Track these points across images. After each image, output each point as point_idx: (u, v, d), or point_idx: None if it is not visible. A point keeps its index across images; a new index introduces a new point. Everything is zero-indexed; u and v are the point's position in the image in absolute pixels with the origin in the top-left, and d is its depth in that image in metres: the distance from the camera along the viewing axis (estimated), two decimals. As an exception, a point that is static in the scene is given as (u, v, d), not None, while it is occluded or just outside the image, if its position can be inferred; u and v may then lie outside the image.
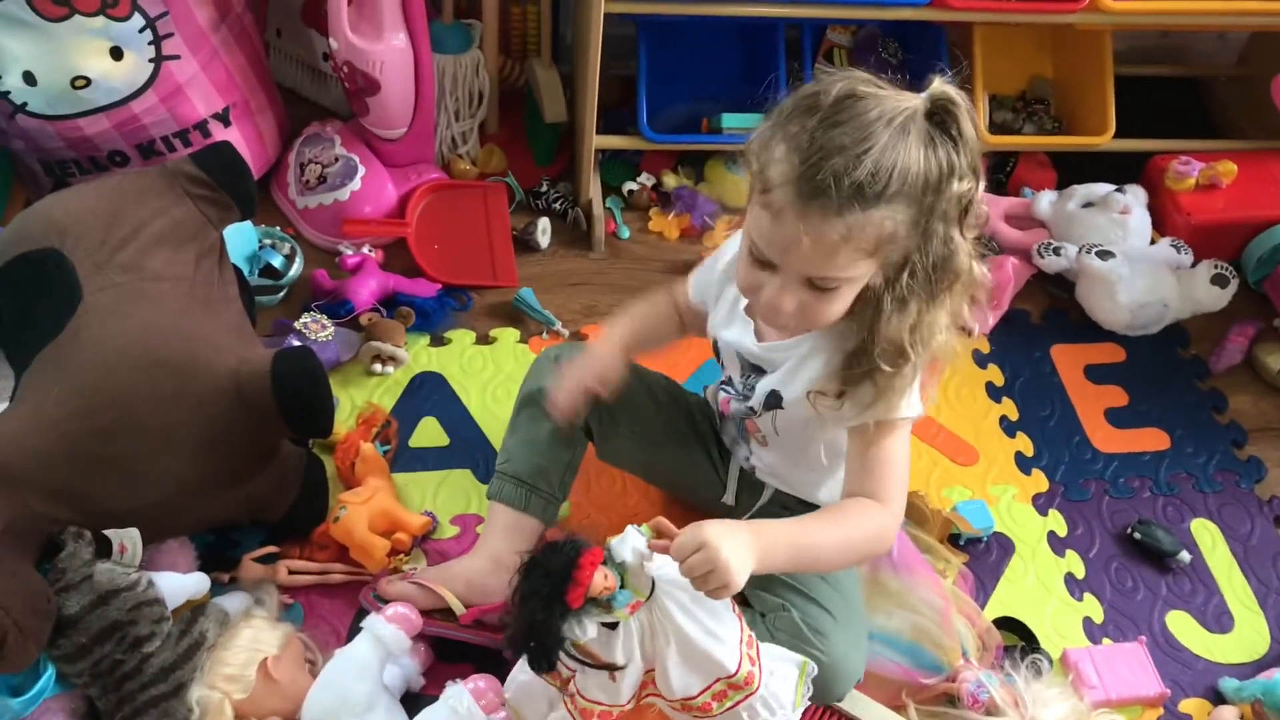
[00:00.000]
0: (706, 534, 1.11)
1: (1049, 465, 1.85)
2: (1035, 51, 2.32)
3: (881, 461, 1.29)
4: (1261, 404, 1.99)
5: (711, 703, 1.26)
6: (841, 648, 1.40)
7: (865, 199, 1.09)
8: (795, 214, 1.11)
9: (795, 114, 1.13)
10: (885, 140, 1.08)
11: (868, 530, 1.28)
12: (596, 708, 1.26)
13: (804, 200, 1.10)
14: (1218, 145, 2.23)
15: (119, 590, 1.34)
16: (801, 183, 1.10)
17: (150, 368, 1.41)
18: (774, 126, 1.15)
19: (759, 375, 1.39)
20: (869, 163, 1.08)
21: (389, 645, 1.40)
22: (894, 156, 1.09)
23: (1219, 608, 1.71)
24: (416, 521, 1.62)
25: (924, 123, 1.11)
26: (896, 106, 1.10)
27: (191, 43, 1.85)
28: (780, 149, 1.12)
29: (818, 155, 1.09)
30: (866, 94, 1.11)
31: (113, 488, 1.40)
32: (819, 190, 1.09)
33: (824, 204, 1.09)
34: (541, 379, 1.57)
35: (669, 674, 1.23)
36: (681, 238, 2.15)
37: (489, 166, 2.18)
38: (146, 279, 1.50)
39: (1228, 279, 1.99)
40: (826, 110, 1.10)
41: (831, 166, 1.08)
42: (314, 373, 1.45)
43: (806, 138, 1.10)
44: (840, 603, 1.44)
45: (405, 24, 1.89)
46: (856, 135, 1.09)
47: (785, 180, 1.11)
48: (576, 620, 1.15)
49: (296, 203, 2.04)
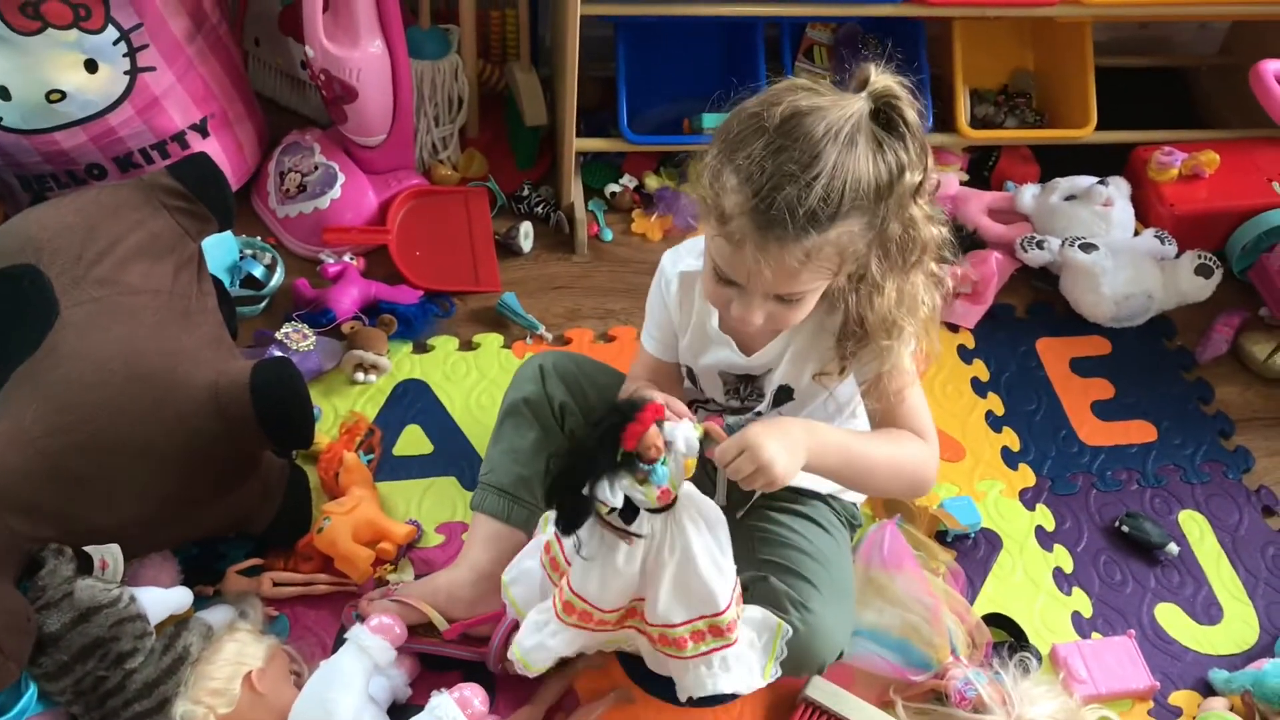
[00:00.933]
0: (750, 437, 1.17)
1: (1036, 460, 1.85)
2: (1016, 45, 2.32)
3: (907, 406, 1.35)
4: (1248, 394, 1.99)
5: (687, 639, 1.27)
6: (823, 618, 1.39)
7: (820, 222, 1.11)
8: (754, 245, 1.13)
9: (742, 139, 1.13)
10: (834, 159, 1.10)
11: (916, 457, 1.34)
12: (579, 604, 1.27)
13: (761, 231, 1.12)
14: (1200, 135, 2.23)
15: (100, 607, 1.33)
16: (757, 215, 1.11)
17: (128, 383, 1.40)
18: (722, 154, 1.16)
19: (751, 383, 1.39)
20: (819, 188, 1.09)
21: (374, 656, 1.39)
22: (844, 174, 1.10)
23: (1208, 599, 1.70)
24: (401, 530, 1.61)
25: (869, 126, 1.12)
26: (841, 116, 1.11)
27: (167, 54, 1.84)
28: (732, 179, 1.13)
29: (769, 186, 1.10)
30: (809, 109, 1.11)
31: (93, 504, 1.39)
32: (774, 222, 1.11)
33: (780, 234, 1.11)
34: (525, 389, 1.56)
35: (659, 595, 1.24)
36: (665, 239, 2.14)
37: (470, 171, 2.18)
38: (124, 293, 1.49)
39: (1212, 269, 1.99)
40: (772, 135, 1.11)
41: (784, 198, 1.10)
42: (293, 383, 1.44)
43: (756, 167, 1.11)
44: (823, 574, 1.43)
45: (381, 30, 1.88)
46: (805, 159, 1.10)
47: (740, 212, 1.12)
48: (612, 480, 1.15)
49: (277, 212, 2.04)
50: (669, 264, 1.42)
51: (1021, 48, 2.33)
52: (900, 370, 1.31)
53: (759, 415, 1.43)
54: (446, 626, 1.47)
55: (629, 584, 1.26)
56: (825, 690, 1.47)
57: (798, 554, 1.44)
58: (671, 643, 1.27)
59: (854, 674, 1.49)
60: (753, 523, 1.48)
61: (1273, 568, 1.74)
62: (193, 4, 1.87)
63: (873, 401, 1.35)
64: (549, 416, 1.55)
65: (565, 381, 1.56)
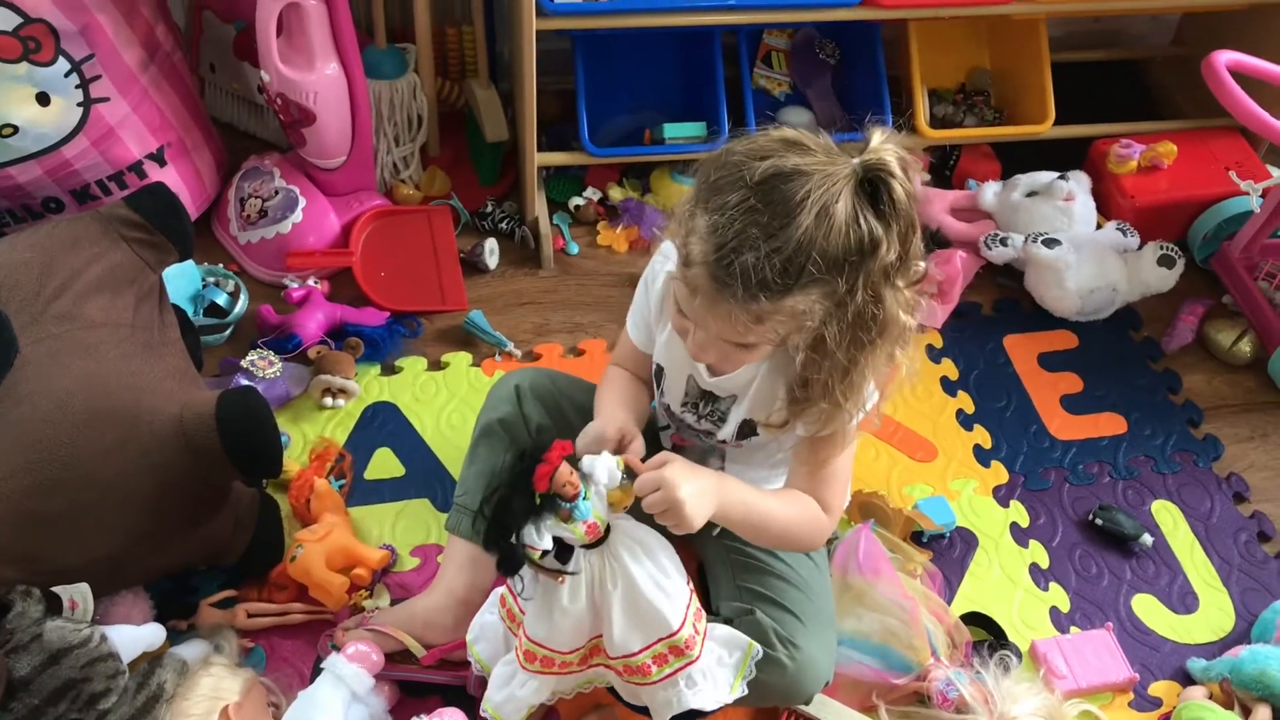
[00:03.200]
0: (667, 474, 1.17)
1: (1008, 456, 1.86)
2: (972, 43, 2.33)
3: (827, 474, 1.34)
4: (1215, 382, 2.01)
5: (651, 665, 1.27)
6: (809, 652, 1.40)
7: (773, 292, 1.10)
8: (706, 298, 1.13)
9: (720, 187, 1.11)
10: (802, 231, 1.07)
11: (811, 525, 1.34)
12: (539, 650, 1.27)
13: (717, 286, 1.11)
14: (1157, 126, 2.25)
15: (71, 648, 1.31)
16: (714, 269, 1.10)
17: (92, 419, 1.38)
18: (700, 196, 1.14)
19: (712, 403, 1.39)
20: (778, 261, 1.08)
21: (351, 685, 1.38)
22: (809, 248, 1.07)
23: (1183, 588, 1.71)
24: (375, 555, 1.60)
25: (851, 196, 1.08)
26: (824, 183, 1.07)
27: (120, 84, 1.83)
28: (702, 225, 1.12)
29: (731, 246, 1.09)
30: (793, 172, 1.08)
31: (60, 543, 1.37)
32: (731, 280, 1.10)
33: (732, 294, 1.10)
34: (500, 409, 1.55)
35: (612, 625, 1.25)
36: (631, 250, 2.14)
37: (432, 190, 2.17)
38: (84, 327, 1.48)
39: (1174, 259, 2.01)
40: (749, 190, 1.09)
41: (741, 263, 1.08)
42: (258, 413, 1.43)
43: (725, 222, 1.09)
44: (808, 605, 1.43)
45: (337, 52, 1.87)
46: (774, 226, 1.07)
47: (703, 260, 1.11)
48: (536, 523, 1.18)
49: (238, 238, 2.02)
50: (659, 259, 1.40)
51: (977, 46, 2.34)
52: (833, 440, 1.30)
53: (723, 443, 1.42)
54: (424, 653, 1.46)
55: (580, 622, 1.26)
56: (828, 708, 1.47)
57: (780, 582, 1.44)
58: (636, 670, 1.28)
59: (837, 680, 1.49)
60: (730, 543, 1.48)
61: (1246, 554, 1.76)
62: (145, 33, 1.86)
63: (798, 462, 1.35)
64: (525, 438, 1.53)
65: (542, 401, 1.54)
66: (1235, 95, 1.75)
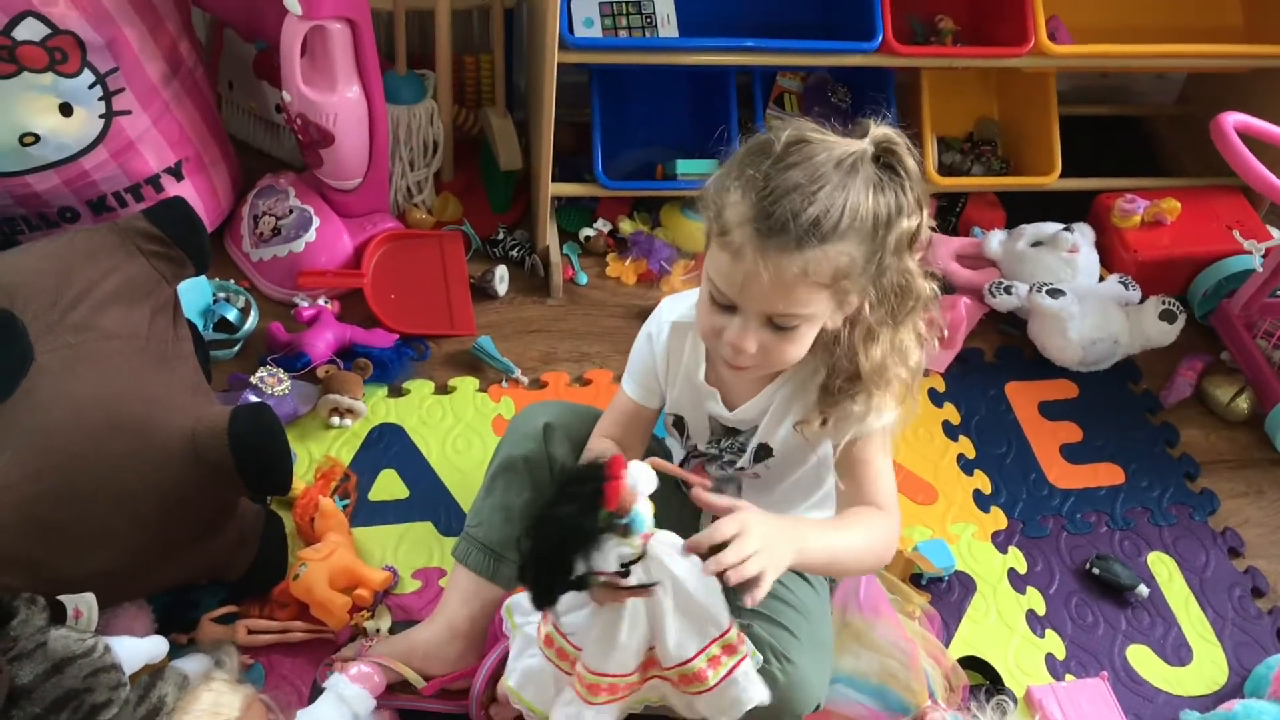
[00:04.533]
0: (748, 521, 1.10)
1: (1007, 502, 1.87)
2: (981, 94, 2.37)
3: (874, 473, 1.33)
4: (1212, 437, 2.03)
5: (707, 670, 1.24)
6: (803, 670, 1.38)
7: (821, 234, 1.12)
8: (754, 251, 1.14)
9: (748, 159, 1.16)
10: (835, 180, 1.12)
11: (883, 535, 1.32)
12: (605, 680, 1.25)
13: (762, 238, 1.13)
14: (1161, 183, 2.28)
15: (74, 657, 1.30)
16: (759, 221, 1.13)
17: (104, 430, 1.39)
18: (728, 173, 1.18)
19: (734, 435, 1.40)
20: (822, 199, 1.11)
21: (352, 705, 1.38)
22: (844, 195, 1.12)
23: (1178, 640, 1.72)
24: (378, 577, 1.60)
25: (870, 166, 1.15)
26: (845, 151, 1.14)
27: (142, 98, 1.84)
28: (736, 193, 1.16)
29: (774, 195, 1.12)
30: (814, 139, 1.15)
31: (67, 553, 1.37)
32: (776, 228, 1.12)
33: (782, 241, 1.12)
34: (526, 445, 1.49)
35: (667, 635, 1.22)
36: (639, 282, 2.16)
37: (445, 215, 2.19)
38: (99, 338, 1.48)
39: (1175, 314, 2.03)
40: (778, 154, 1.14)
41: (788, 204, 1.12)
42: (271, 430, 1.43)
43: (761, 179, 1.14)
44: (805, 626, 1.42)
45: (359, 76, 1.89)
46: (808, 175, 1.12)
47: (743, 220, 1.14)
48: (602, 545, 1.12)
49: (251, 255, 2.03)
50: (665, 311, 1.41)
51: (987, 96, 2.37)
52: (870, 442, 1.31)
53: (741, 470, 1.42)
54: (424, 684, 1.46)
55: (643, 639, 1.25)
56: None
57: (779, 604, 1.43)
58: (693, 678, 1.25)
59: (833, 718, 1.49)
60: None
61: (1239, 609, 1.77)
62: (169, 48, 1.87)
63: (843, 475, 1.34)
64: (546, 478, 1.49)
65: (571, 441, 1.49)
66: (1243, 157, 1.78)
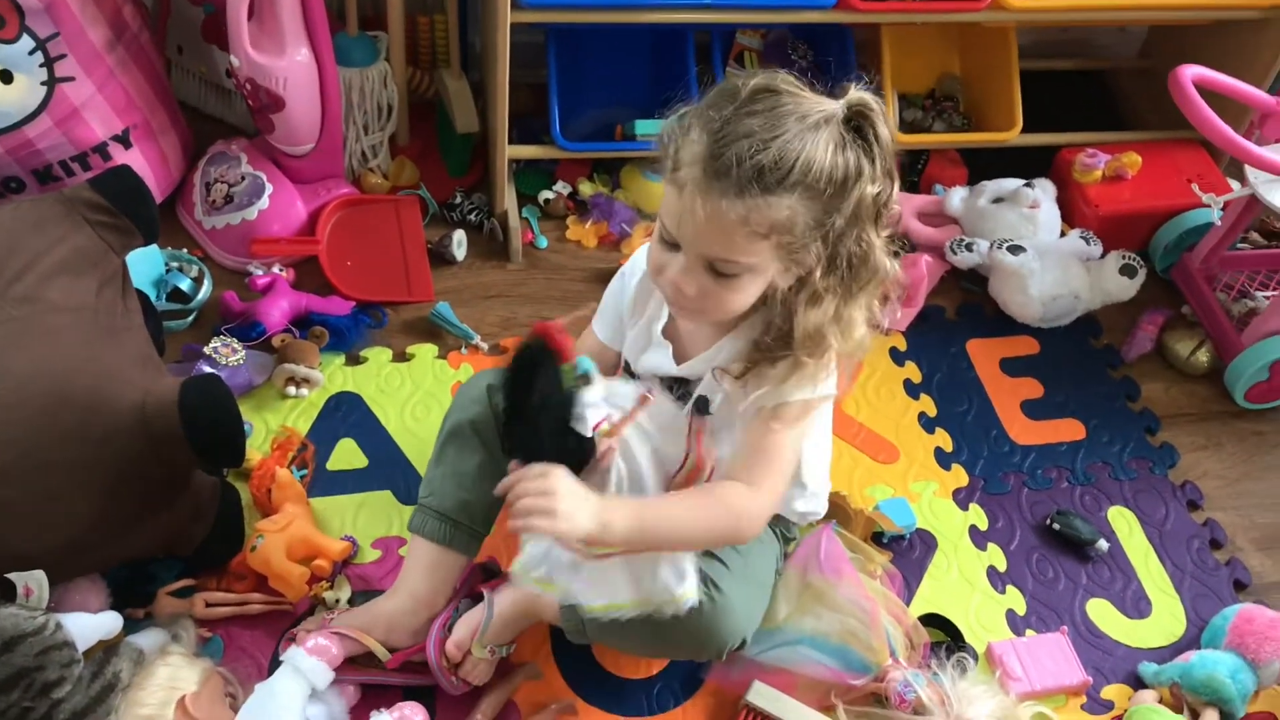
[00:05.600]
0: (557, 477, 1.16)
1: (968, 460, 1.87)
2: (942, 50, 2.35)
3: (768, 448, 1.29)
4: (1172, 391, 2.04)
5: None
6: (730, 599, 1.36)
7: (765, 184, 1.12)
8: (697, 190, 1.14)
9: (715, 101, 1.17)
10: (794, 132, 1.12)
11: (726, 512, 1.28)
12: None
13: (707, 179, 1.13)
14: (1122, 137, 2.27)
15: (25, 635, 1.28)
16: (707, 162, 1.13)
17: (52, 404, 1.36)
18: (692, 113, 1.18)
19: (684, 386, 1.38)
20: (774, 150, 1.11)
21: (310, 678, 1.37)
22: (799, 148, 1.12)
23: (1137, 593, 1.74)
24: (336, 547, 1.59)
25: (839, 127, 1.14)
26: (814, 107, 1.14)
27: (86, 64, 1.80)
28: (694, 131, 1.16)
29: (726, 138, 1.13)
30: (785, 90, 1.15)
31: (16, 530, 1.35)
32: (722, 171, 1.12)
33: (724, 185, 1.13)
34: (471, 410, 1.50)
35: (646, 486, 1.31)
36: (600, 245, 2.14)
37: (401, 179, 2.16)
38: (45, 311, 1.45)
39: (1136, 269, 2.03)
40: (743, 100, 1.14)
41: (737, 149, 1.12)
42: (222, 401, 1.42)
43: (719, 122, 1.14)
44: (738, 560, 1.42)
45: (308, 38, 1.85)
46: (767, 124, 1.12)
47: (694, 160, 1.15)
48: (580, 404, 1.20)
49: (203, 223, 2.00)
50: (640, 257, 1.39)
51: (948, 52, 2.35)
52: (789, 409, 1.27)
53: None
54: (389, 656, 1.45)
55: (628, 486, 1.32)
56: (766, 695, 1.48)
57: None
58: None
59: (795, 679, 1.50)
60: None
61: (1198, 561, 1.79)
62: (112, 12, 1.83)
63: (742, 433, 1.31)
64: (495, 440, 1.49)
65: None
66: (1200, 110, 1.77)
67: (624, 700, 1.53)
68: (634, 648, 1.49)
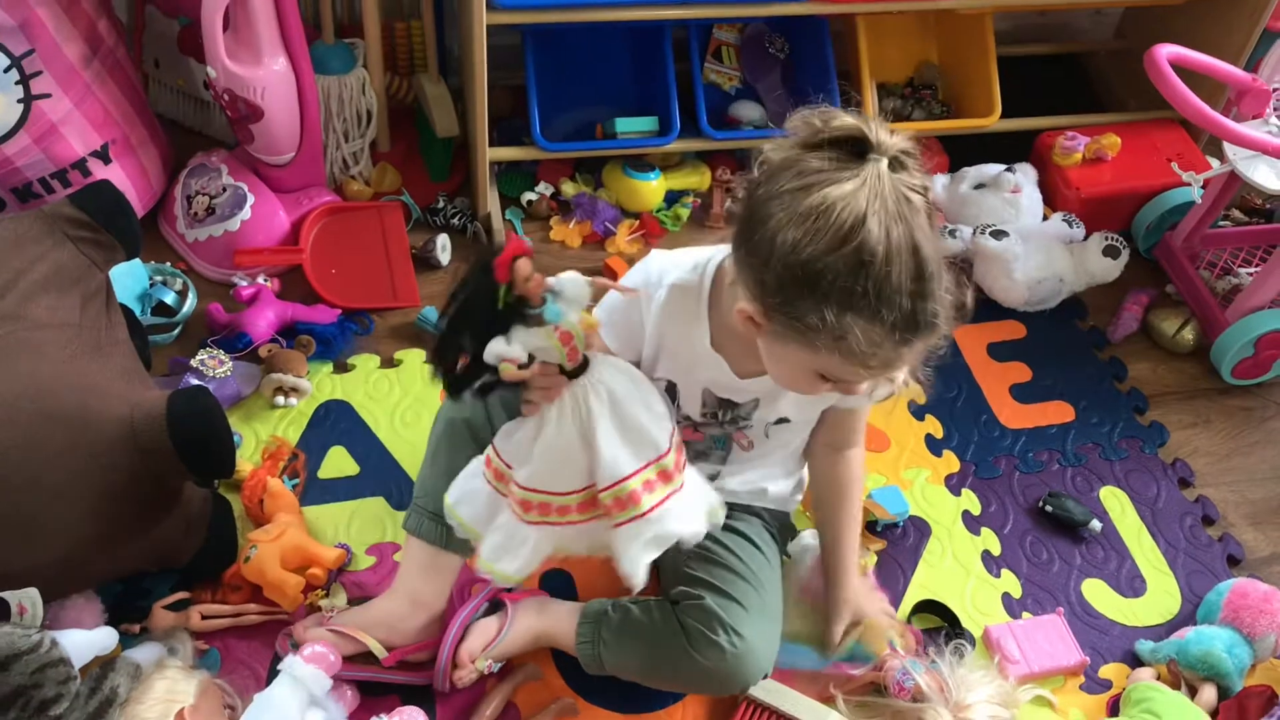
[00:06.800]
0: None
1: (959, 445, 1.88)
2: (919, 37, 2.35)
3: (856, 414, 1.47)
4: (1160, 370, 2.04)
5: (641, 492, 1.23)
6: (751, 642, 1.40)
7: (945, 304, 1.11)
8: (904, 360, 1.14)
9: (846, 285, 1.06)
10: (919, 240, 1.06)
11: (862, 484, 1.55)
12: (536, 497, 1.25)
13: (909, 346, 1.11)
14: (1101, 119, 2.28)
15: (20, 654, 1.28)
16: (903, 338, 1.10)
17: (39, 422, 1.36)
18: (828, 306, 1.08)
19: (732, 409, 1.38)
20: (934, 284, 1.08)
21: (308, 685, 1.37)
22: (930, 248, 1.07)
23: (1131, 572, 1.74)
24: (330, 555, 1.58)
25: (900, 186, 1.06)
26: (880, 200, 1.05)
27: (62, 80, 1.79)
28: (857, 323, 1.08)
29: (905, 313, 1.08)
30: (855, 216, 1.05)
31: (7, 548, 1.34)
32: (921, 333, 1.10)
33: (927, 336, 1.12)
34: (464, 409, 1.47)
35: (601, 449, 1.22)
36: (584, 245, 2.14)
37: (383, 186, 2.15)
38: (29, 328, 1.45)
39: (1119, 249, 2.04)
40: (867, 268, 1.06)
41: (923, 312, 1.08)
42: (210, 412, 1.41)
43: (882, 305, 1.07)
44: (755, 598, 1.44)
45: (285, 47, 1.85)
46: (909, 268, 1.06)
47: (881, 342, 1.09)
48: (505, 331, 1.14)
49: (186, 236, 1.99)
50: (656, 271, 1.33)
51: (925, 40, 2.36)
52: None
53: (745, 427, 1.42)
54: (386, 655, 1.45)
55: (570, 455, 1.23)
56: (767, 688, 1.48)
57: (729, 574, 1.44)
58: (628, 500, 1.23)
59: (795, 671, 1.50)
60: None
61: (1191, 538, 1.79)
62: (87, 28, 1.82)
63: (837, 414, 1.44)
64: (490, 438, 1.43)
65: (505, 403, 1.44)
66: (1177, 88, 1.78)
67: (624, 698, 1.53)
68: (651, 683, 1.49)
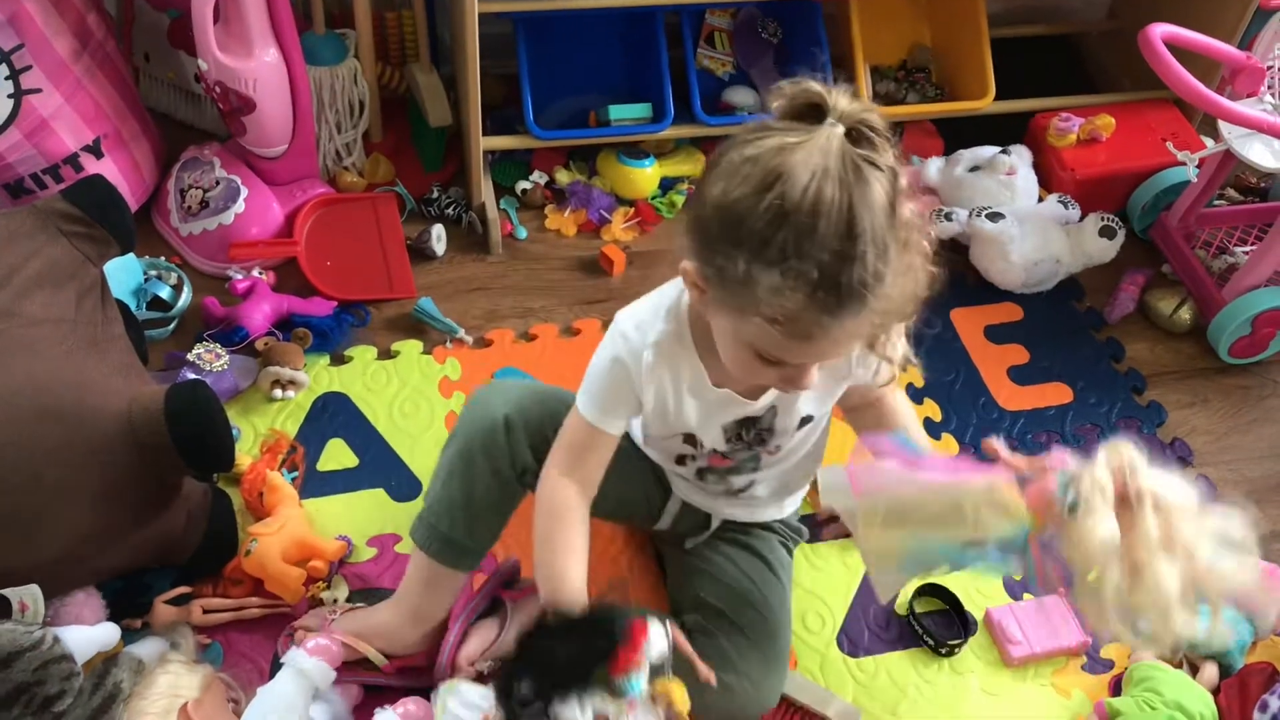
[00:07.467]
0: None
1: (958, 428, 1.88)
2: (913, 20, 2.35)
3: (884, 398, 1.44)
4: (1157, 349, 2.05)
5: None
6: (757, 683, 1.42)
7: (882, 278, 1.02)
8: (828, 331, 1.05)
9: (764, 233, 1.01)
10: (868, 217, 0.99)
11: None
12: None
13: (834, 317, 1.03)
14: (1094, 100, 2.28)
15: (22, 651, 1.28)
16: (824, 304, 1.02)
17: (36, 419, 1.35)
18: (735, 254, 1.03)
19: (753, 425, 1.34)
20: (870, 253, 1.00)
21: (312, 678, 1.37)
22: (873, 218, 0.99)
23: (1131, 552, 1.74)
24: (331, 547, 1.58)
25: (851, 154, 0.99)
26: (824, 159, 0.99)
27: (52, 75, 1.78)
28: (772, 279, 1.02)
29: (826, 273, 1.00)
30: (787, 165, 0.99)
31: (7, 546, 1.34)
32: (845, 301, 1.02)
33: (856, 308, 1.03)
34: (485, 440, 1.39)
35: None
36: (580, 233, 2.14)
37: (377, 176, 2.14)
38: (24, 325, 1.44)
39: (1115, 230, 2.04)
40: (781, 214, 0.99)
41: (849, 275, 1.00)
42: (208, 406, 1.41)
43: (796, 258, 1.00)
44: (764, 629, 1.44)
45: (275, 38, 1.84)
46: (838, 227, 0.99)
47: (804, 308, 1.02)
48: (582, 697, 1.11)
49: (180, 230, 1.98)
50: (634, 333, 1.27)
51: (918, 23, 2.36)
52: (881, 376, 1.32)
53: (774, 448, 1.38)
54: (385, 663, 1.45)
55: None
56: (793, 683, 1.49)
57: (741, 601, 1.44)
58: None
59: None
60: (692, 556, 1.50)
61: (1190, 517, 1.79)
62: (76, 22, 1.81)
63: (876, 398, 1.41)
64: (510, 477, 1.40)
65: (530, 436, 1.38)
66: (1172, 67, 1.77)
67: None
68: None
